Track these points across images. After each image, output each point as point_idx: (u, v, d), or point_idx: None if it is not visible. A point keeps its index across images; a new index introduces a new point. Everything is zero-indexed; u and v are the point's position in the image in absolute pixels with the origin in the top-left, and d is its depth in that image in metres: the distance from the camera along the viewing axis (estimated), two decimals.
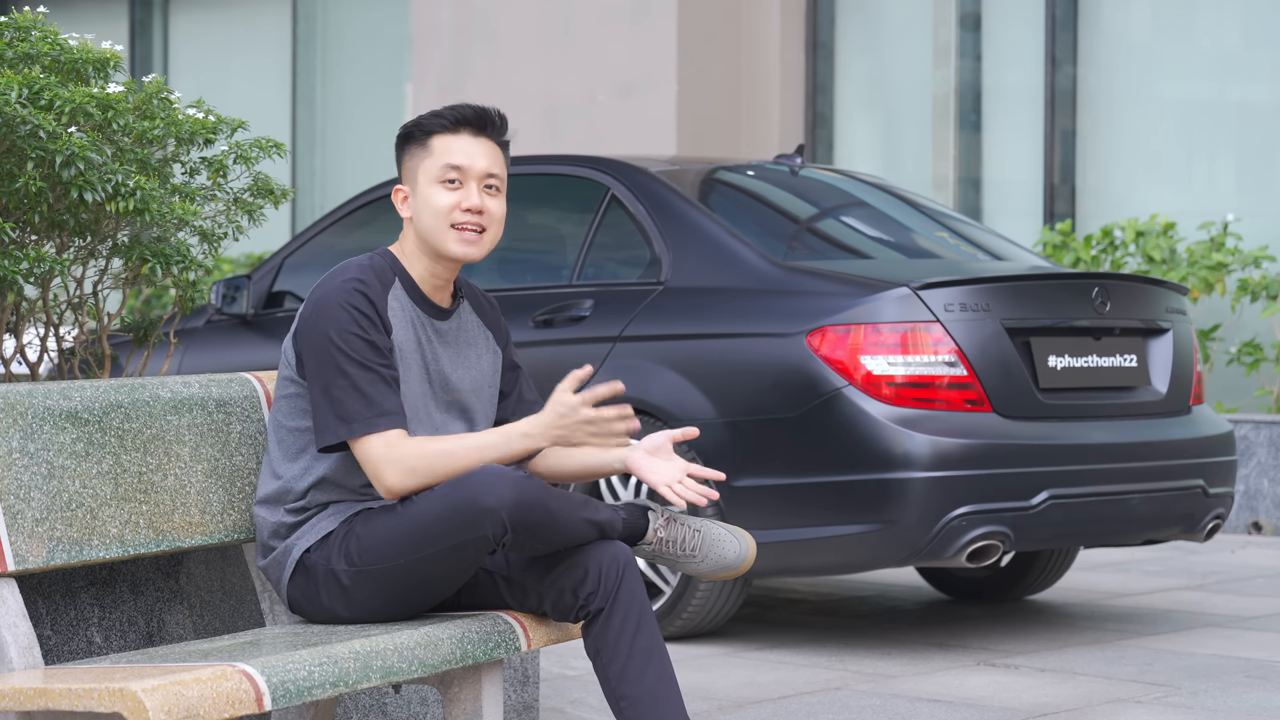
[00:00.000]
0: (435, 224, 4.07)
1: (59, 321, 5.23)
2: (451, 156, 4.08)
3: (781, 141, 12.22)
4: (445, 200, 4.07)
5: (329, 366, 3.96)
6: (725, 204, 7.11)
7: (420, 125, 4.12)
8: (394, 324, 4.04)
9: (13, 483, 3.71)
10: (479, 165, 4.09)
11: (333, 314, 3.98)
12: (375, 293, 4.02)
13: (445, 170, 4.07)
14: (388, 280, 4.07)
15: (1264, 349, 10.23)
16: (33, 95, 4.68)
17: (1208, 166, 11.52)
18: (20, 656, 3.63)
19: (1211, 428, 6.83)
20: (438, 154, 4.08)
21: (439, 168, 4.08)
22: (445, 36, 13.10)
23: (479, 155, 4.10)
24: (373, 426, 3.93)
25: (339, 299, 3.98)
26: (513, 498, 3.83)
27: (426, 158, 4.09)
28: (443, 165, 4.07)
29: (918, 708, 5.45)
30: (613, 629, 3.92)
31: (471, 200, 4.07)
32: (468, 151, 4.09)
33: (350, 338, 3.96)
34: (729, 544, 4.14)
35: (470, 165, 4.08)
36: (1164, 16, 11.46)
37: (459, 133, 4.10)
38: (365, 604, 3.98)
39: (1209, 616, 7.04)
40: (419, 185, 4.10)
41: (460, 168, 4.07)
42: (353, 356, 3.95)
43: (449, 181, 4.08)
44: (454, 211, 4.07)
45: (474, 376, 4.18)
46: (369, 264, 4.08)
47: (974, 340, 6.21)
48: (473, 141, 4.10)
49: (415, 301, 4.10)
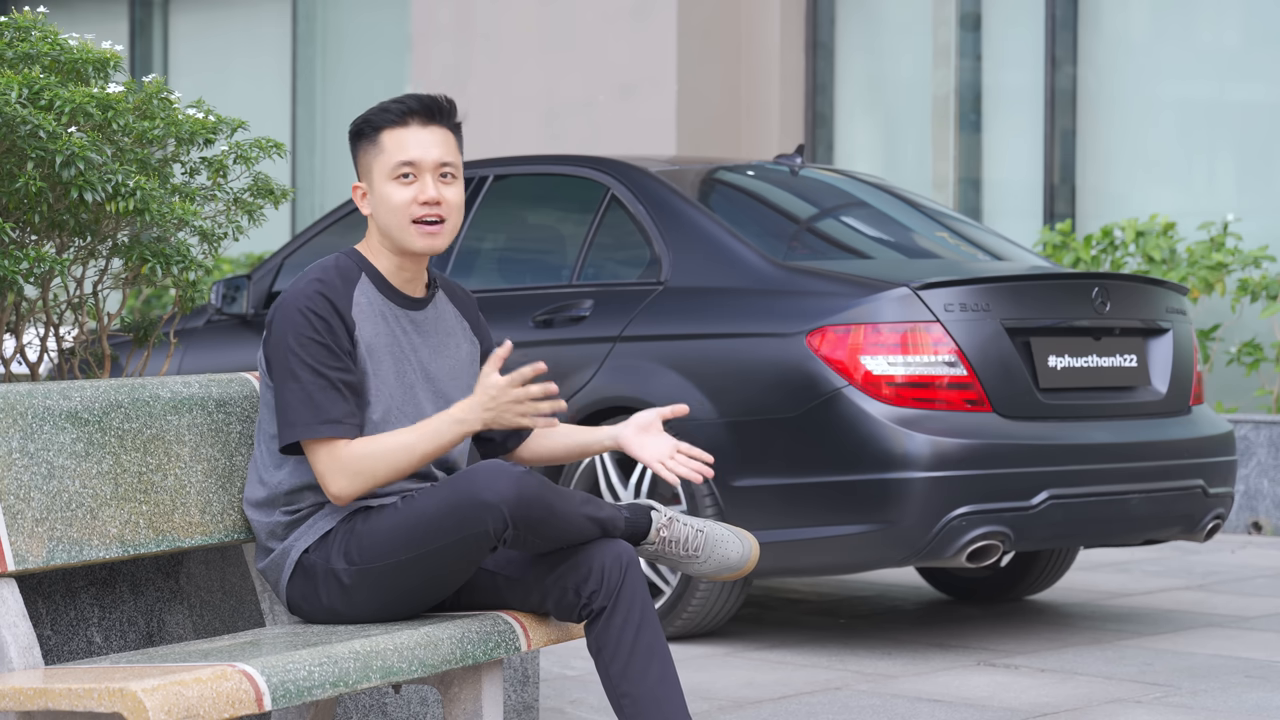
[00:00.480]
0: (395, 220, 4.07)
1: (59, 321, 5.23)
2: (403, 152, 4.07)
3: (781, 141, 12.22)
4: (402, 196, 4.07)
5: (283, 370, 3.98)
6: (725, 204, 7.11)
7: (369, 121, 4.11)
8: (361, 320, 4.04)
9: (13, 483, 3.71)
10: (431, 156, 4.08)
11: (290, 318, 3.99)
12: (337, 291, 4.02)
13: (398, 166, 4.07)
14: (353, 277, 4.07)
15: (1264, 349, 10.23)
16: (33, 95, 4.68)
17: (1208, 166, 11.52)
18: (20, 656, 3.63)
19: (1211, 428, 6.83)
20: (390, 150, 4.07)
21: (392, 164, 4.07)
22: (445, 37, 13.09)
23: (430, 145, 4.08)
24: (315, 433, 3.94)
25: (297, 303, 4.00)
26: (514, 493, 3.83)
27: (379, 154, 4.09)
28: (395, 161, 4.07)
29: (918, 708, 5.45)
30: (615, 627, 3.92)
31: (428, 193, 4.07)
32: (419, 143, 4.07)
33: (305, 341, 3.97)
34: (732, 544, 4.14)
35: (423, 157, 4.07)
36: (1164, 16, 11.46)
37: (408, 125, 4.08)
38: (366, 603, 3.98)
39: (1209, 616, 7.04)
40: (375, 182, 4.10)
41: (413, 161, 4.07)
42: (305, 361, 3.96)
43: (403, 176, 4.07)
44: (411, 206, 4.07)
45: (452, 366, 4.18)
46: (333, 264, 4.09)
47: (974, 340, 6.21)
48: (423, 131, 4.09)
49: (386, 295, 4.10)
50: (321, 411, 3.94)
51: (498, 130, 12.62)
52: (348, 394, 3.97)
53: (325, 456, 3.96)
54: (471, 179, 7.41)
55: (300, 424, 3.95)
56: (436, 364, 4.14)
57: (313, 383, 3.95)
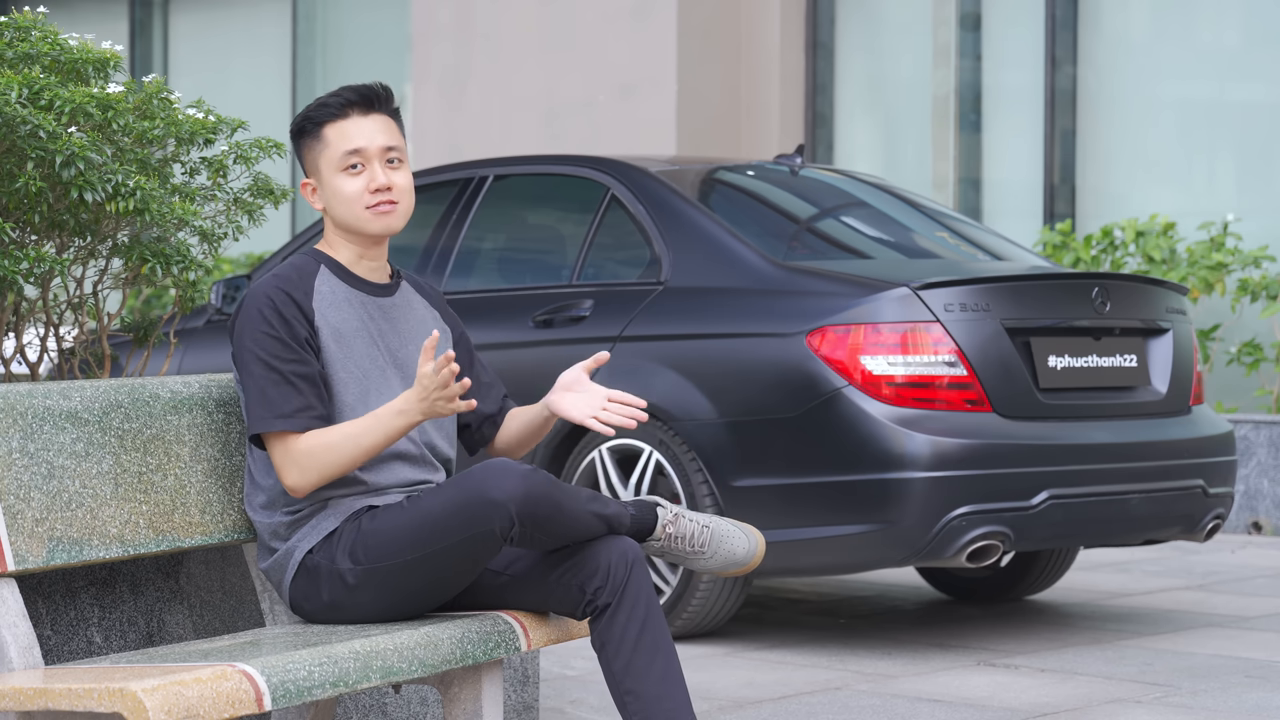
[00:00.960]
0: (349, 210, 4.10)
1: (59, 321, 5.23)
2: (348, 142, 4.09)
3: (781, 141, 12.22)
4: (353, 186, 4.10)
5: (242, 366, 4.02)
6: (725, 204, 7.11)
7: (309, 118, 4.13)
8: (323, 307, 4.06)
9: (13, 483, 3.71)
10: (376, 142, 4.11)
11: (248, 315, 4.03)
12: (294, 284, 4.05)
13: (345, 157, 4.09)
14: (311, 270, 4.10)
15: (1264, 349, 10.23)
16: (33, 95, 4.67)
17: (1208, 166, 11.52)
18: (20, 656, 3.63)
19: (1211, 428, 6.83)
20: (334, 142, 4.10)
21: (338, 156, 4.09)
22: (445, 37, 13.09)
23: (374, 133, 4.11)
24: (268, 426, 3.97)
25: (255, 302, 4.04)
26: (520, 491, 3.83)
27: (324, 149, 4.11)
28: (341, 152, 4.09)
29: (918, 708, 5.45)
30: (619, 624, 3.92)
31: (378, 180, 4.09)
32: (362, 131, 4.10)
33: (259, 336, 4.00)
34: (738, 540, 4.14)
35: (368, 145, 4.10)
36: (1164, 16, 11.46)
37: (348, 116, 4.11)
38: (371, 603, 3.97)
39: (1209, 616, 7.04)
40: (324, 177, 4.12)
41: (358, 150, 4.09)
42: (258, 355, 3.99)
43: (351, 167, 4.10)
44: (364, 195, 4.10)
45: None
46: (290, 262, 4.14)
47: (974, 340, 6.21)
48: (364, 120, 4.11)
49: (349, 283, 4.13)
50: (273, 406, 3.97)
51: (498, 130, 12.63)
52: (303, 387, 3.99)
53: (280, 450, 3.98)
54: (471, 179, 7.41)
55: (255, 418, 3.98)
56: (405, 351, 4.17)
57: (265, 377, 3.98)
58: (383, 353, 4.12)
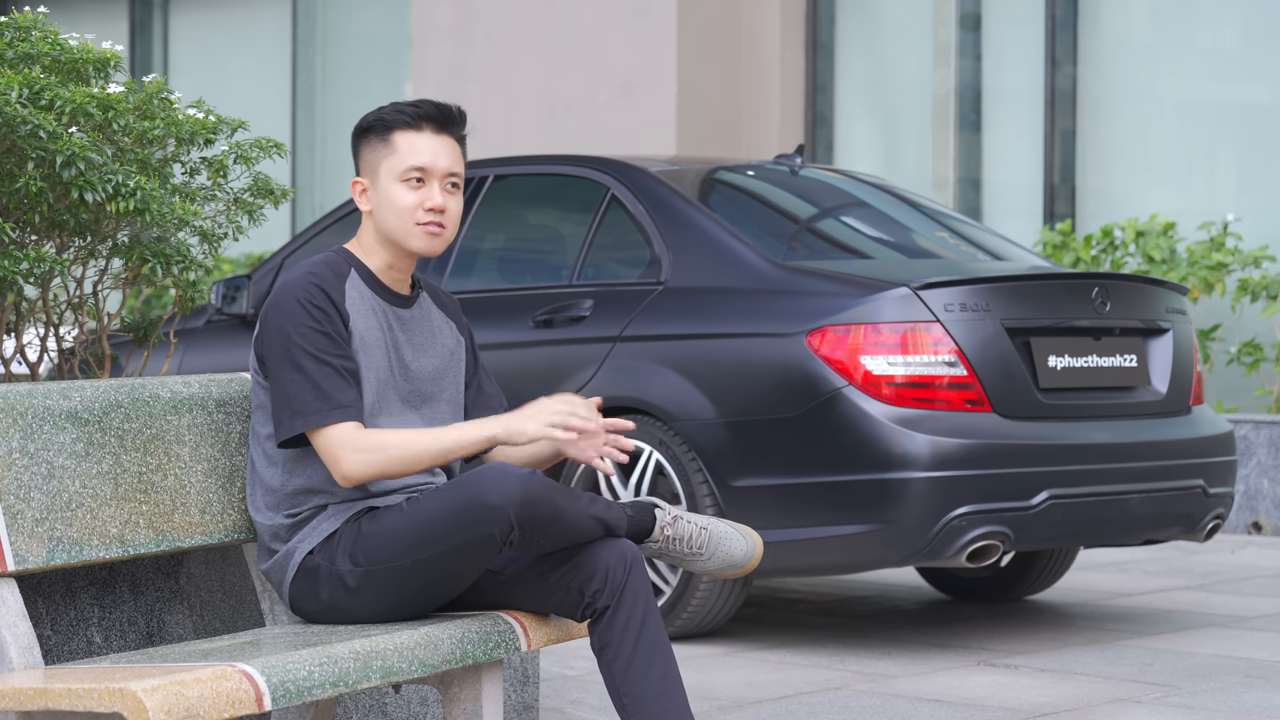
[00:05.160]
0: (399, 222, 4.09)
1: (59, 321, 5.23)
2: (416, 157, 4.08)
3: (781, 141, 12.22)
4: (409, 199, 4.08)
5: (285, 362, 3.97)
6: (725, 204, 7.11)
7: (382, 120, 4.11)
8: (353, 313, 4.05)
9: (13, 483, 3.71)
10: (442, 164, 4.10)
11: (289, 309, 3.99)
12: (330, 284, 4.03)
13: (409, 170, 4.08)
14: (343, 272, 4.08)
15: (1264, 349, 10.23)
16: (33, 95, 4.68)
17: (1208, 166, 11.52)
18: (20, 656, 3.63)
19: (1211, 428, 6.83)
20: (401, 152, 4.08)
21: (403, 167, 4.08)
22: (445, 36, 13.09)
23: (442, 154, 4.10)
24: (326, 419, 3.94)
25: (294, 294, 4.00)
26: (519, 495, 3.83)
27: (390, 154, 4.09)
28: (407, 165, 4.08)
29: (918, 708, 5.45)
30: (618, 626, 3.93)
31: (434, 200, 4.08)
32: (431, 150, 4.09)
33: (306, 331, 3.97)
34: (736, 541, 4.15)
35: (434, 165, 4.09)
36: (1164, 16, 11.46)
37: (421, 129, 4.10)
38: (371, 604, 3.97)
39: (1209, 616, 7.04)
40: (380, 180, 4.11)
41: (424, 167, 4.08)
42: (308, 350, 3.96)
43: (413, 180, 4.08)
44: (417, 210, 4.08)
45: (436, 365, 4.20)
46: (323, 260, 4.11)
47: (974, 340, 6.21)
48: (435, 139, 4.10)
49: (375, 290, 4.12)
50: (330, 398, 3.94)
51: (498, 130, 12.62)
52: (352, 382, 3.98)
53: (338, 438, 3.94)
54: (471, 179, 7.42)
55: (311, 412, 3.94)
56: (418, 363, 4.16)
57: (318, 371, 3.95)
58: (394, 363, 4.11)
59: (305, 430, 3.95)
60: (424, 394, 4.15)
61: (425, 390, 4.16)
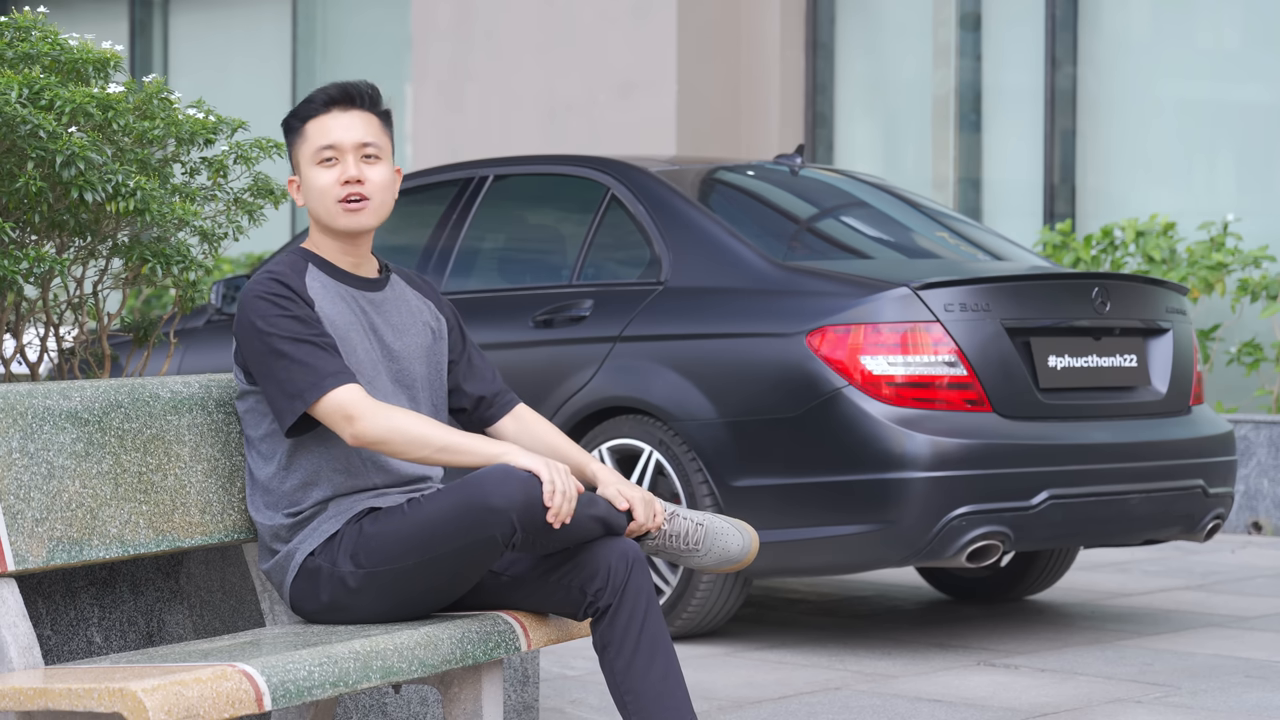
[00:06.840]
0: (322, 204, 4.12)
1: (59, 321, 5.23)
2: (325, 136, 4.12)
3: (781, 141, 12.22)
4: (326, 179, 4.12)
5: (266, 355, 3.99)
6: (725, 204, 7.11)
7: (294, 115, 4.18)
8: (318, 299, 4.08)
9: (13, 483, 3.71)
10: (351, 137, 4.12)
11: (254, 307, 4.02)
12: (289, 278, 4.06)
13: (320, 151, 4.12)
14: (300, 268, 4.12)
15: (1264, 349, 10.23)
16: (33, 95, 4.68)
17: (1208, 166, 11.52)
18: (20, 656, 3.63)
19: (1211, 428, 6.82)
20: (312, 137, 4.13)
21: (314, 149, 4.13)
22: (445, 36, 13.09)
23: (350, 128, 4.13)
24: (322, 389, 3.96)
25: (256, 293, 4.04)
26: (521, 498, 3.84)
27: (304, 143, 4.15)
28: (317, 146, 4.12)
29: (918, 708, 5.45)
30: (620, 624, 3.93)
31: (349, 172, 4.11)
32: (339, 126, 4.13)
33: (276, 320, 4.00)
34: (732, 537, 4.15)
35: (342, 140, 4.12)
36: (1164, 16, 11.46)
37: (329, 111, 4.15)
38: (372, 606, 3.98)
39: (1209, 616, 7.04)
40: (302, 170, 4.16)
41: (333, 144, 4.12)
42: (283, 336, 3.99)
43: (326, 160, 4.12)
44: (334, 187, 4.11)
45: (416, 345, 4.21)
46: (280, 259, 4.16)
47: (974, 340, 6.21)
48: (343, 116, 4.14)
49: (337, 278, 4.14)
50: (319, 370, 3.96)
51: (498, 130, 12.63)
52: (335, 354, 4.00)
53: (339, 402, 3.94)
54: (471, 179, 7.41)
55: (306, 388, 3.95)
56: (400, 344, 4.17)
57: (299, 350, 3.98)
58: (375, 346, 4.13)
59: (306, 408, 3.96)
60: (412, 374, 4.17)
61: (413, 370, 4.17)
